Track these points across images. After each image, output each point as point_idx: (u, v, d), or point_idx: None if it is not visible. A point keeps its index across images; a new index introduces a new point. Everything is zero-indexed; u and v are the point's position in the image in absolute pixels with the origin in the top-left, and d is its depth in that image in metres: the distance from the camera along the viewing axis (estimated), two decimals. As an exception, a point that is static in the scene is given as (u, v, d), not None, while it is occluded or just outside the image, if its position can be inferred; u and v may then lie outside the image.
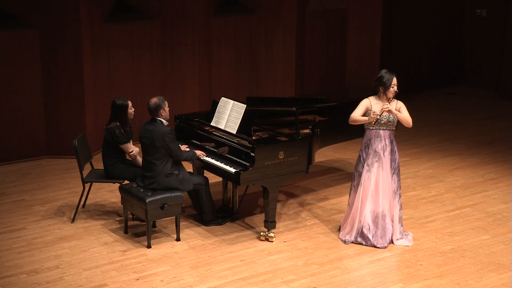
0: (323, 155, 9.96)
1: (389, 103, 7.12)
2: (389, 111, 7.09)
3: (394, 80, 7.12)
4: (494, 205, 8.42)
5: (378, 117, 7.08)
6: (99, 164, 8.25)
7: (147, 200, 7.10)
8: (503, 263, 6.99)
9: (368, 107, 7.19)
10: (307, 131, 7.79)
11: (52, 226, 7.73)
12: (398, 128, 7.42)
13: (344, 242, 7.37)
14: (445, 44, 13.97)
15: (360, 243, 7.31)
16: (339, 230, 7.59)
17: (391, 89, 7.10)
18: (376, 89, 7.17)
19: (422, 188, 8.95)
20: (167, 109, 7.30)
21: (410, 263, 7.00)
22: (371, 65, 12.56)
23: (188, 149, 7.57)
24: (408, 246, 7.31)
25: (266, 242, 7.39)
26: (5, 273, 6.69)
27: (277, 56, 11.45)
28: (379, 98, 7.18)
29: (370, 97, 7.23)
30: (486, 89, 13.75)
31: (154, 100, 7.26)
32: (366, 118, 7.15)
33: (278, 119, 8.18)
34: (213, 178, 8.41)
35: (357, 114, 7.21)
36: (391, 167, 7.23)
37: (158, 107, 7.23)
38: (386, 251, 7.19)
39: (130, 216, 7.76)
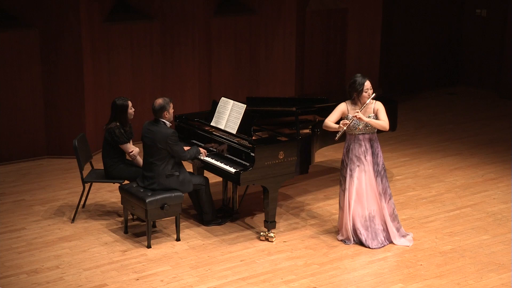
0: (323, 155, 9.96)
1: (361, 109, 7.05)
2: (359, 119, 7.05)
3: (367, 85, 7.06)
4: (494, 205, 8.42)
5: (345, 128, 7.04)
6: (99, 164, 8.25)
7: (147, 200, 7.10)
8: (503, 263, 6.99)
9: (345, 112, 7.16)
10: (307, 131, 7.79)
11: (52, 226, 7.73)
12: (397, 128, 7.44)
13: (344, 242, 7.37)
14: (445, 44, 13.97)
15: (358, 244, 7.33)
16: (338, 232, 7.58)
17: (364, 93, 7.06)
18: (351, 94, 7.14)
19: (422, 188, 8.95)
20: (171, 111, 7.29)
21: (410, 263, 7.00)
22: (371, 65, 12.56)
23: (189, 147, 7.57)
24: (408, 246, 7.31)
25: (266, 242, 7.39)
26: (5, 273, 6.69)
27: (277, 56, 11.45)
28: (355, 102, 7.15)
29: (347, 101, 7.20)
30: (486, 89, 13.76)
31: (159, 101, 7.24)
32: (337, 126, 7.12)
33: (278, 119, 8.18)
34: (213, 178, 8.42)
35: (331, 120, 7.17)
36: (373, 170, 7.20)
37: (162, 109, 7.22)
38: (386, 251, 7.19)
39: (130, 216, 7.76)
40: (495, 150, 10.43)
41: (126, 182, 7.72)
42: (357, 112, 7.03)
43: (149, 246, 7.23)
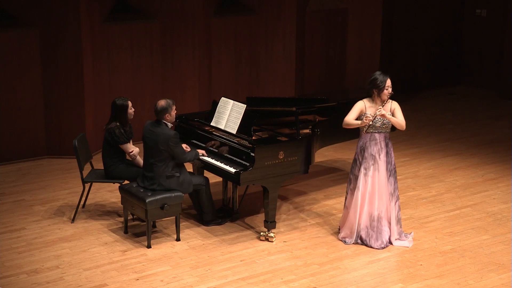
0: (323, 155, 9.96)
1: (383, 106, 7.08)
2: (383, 116, 7.06)
3: (388, 82, 7.06)
4: (494, 205, 8.42)
5: (371, 122, 7.06)
6: (99, 164, 8.25)
7: (147, 200, 7.10)
8: (503, 263, 6.99)
9: (363, 110, 7.16)
10: (307, 131, 7.79)
11: (52, 226, 7.73)
12: (396, 129, 7.40)
13: (344, 242, 7.37)
14: (445, 44, 13.97)
15: (359, 244, 7.33)
16: (338, 230, 7.59)
17: (385, 91, 7.06)
18: (370, 91, 7.14)
19: (422, 188, 8.95)
20: (173, 113, 7.30)
21: (410, 263, 7.00)
22: (371, 65, 12.55)
23: (189, 149, 7.57)
24: (408, 247, 7.30)
25: (266, 242, 7.39)
26: (5, 273, 6.69)
27: (277, 56, 11.45)
28: (373, 100, 7.15)
29: (364, 99, 7.19)
30: (486, 89, 13.75)
31: (162, 103, 7.24)
32: (359, 122, 7.12)
33: (278, 119, 8.18)
34: (213, 178, 8.41)
35: (351, 118, 7.17)
36: (386, 169, 7.20)
37: (164, 111, 7.22)
38: (386, 251, 7.19)
39: (130, 216, 7.76)
40: (495, 150, 10.43)
41: (126, 182, 7.72)
42: (380, 109, 7.03)
43: (149, 246, 7.23)
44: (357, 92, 9.91)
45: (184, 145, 7.59)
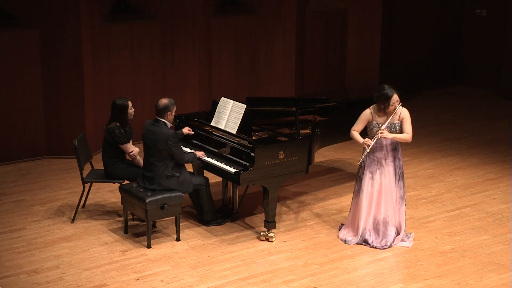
0: (323, 155, 9.96)
1: (385, 126, 7.03)
2: (385, 138, 7.06)
3: (394, 98, 7.00)
4: (494, 205, 8.42)
5: (368, 150, 7.05)
6: (99, 164, 8.25)
7: (147, 200, 7.10)
8: (503, 263, 6.99)
9: (369, 119, 7.15)
10: (307, 131, 7.79)
11: (52, 226, 7.73)
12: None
13: (344, 241, 7.37)
14: (445, 44, 13.97)
15: (360, 244, 7.33)
16: (339, 229, 7.59)
17: (390, 107, 7.05)
18: (377, 102, 7.12)
19: (422, 188, 8.95)
20: (173, 112, 7.31)
21: (410, 263, 7.00)
22: (371, 65, 12.55)
23: (189, 151, 7.58)
24: (408, 247, 7.30)
25: (266, 242, 7.39)
26: (5, 273, 6.69)
27: (277, 56, 11.45)
28: (380, 108, 7.13)
29: (371, 107, 7.18)
30: (486, 89, 13.76)
31: (164, 101, 7.24)
32: (360, 141, 7.12)
33: (278, 119, 8.19)
34: (213, 178, 8.41)
35: (356, 130, 7.20)
36: (395, 173, 7.21)
37: (165, 109, 7.22)
38: (386, 251, 7.19)
39: (130, 216, 7.76)
40: (495, 150, 10.43)
41: (126, 182, 7.72)
42: (381, 130, 7.01)
43: (149, 246, 7.24)
44: (357, 92, 9.93)
45: (187, 128, 7.60)
